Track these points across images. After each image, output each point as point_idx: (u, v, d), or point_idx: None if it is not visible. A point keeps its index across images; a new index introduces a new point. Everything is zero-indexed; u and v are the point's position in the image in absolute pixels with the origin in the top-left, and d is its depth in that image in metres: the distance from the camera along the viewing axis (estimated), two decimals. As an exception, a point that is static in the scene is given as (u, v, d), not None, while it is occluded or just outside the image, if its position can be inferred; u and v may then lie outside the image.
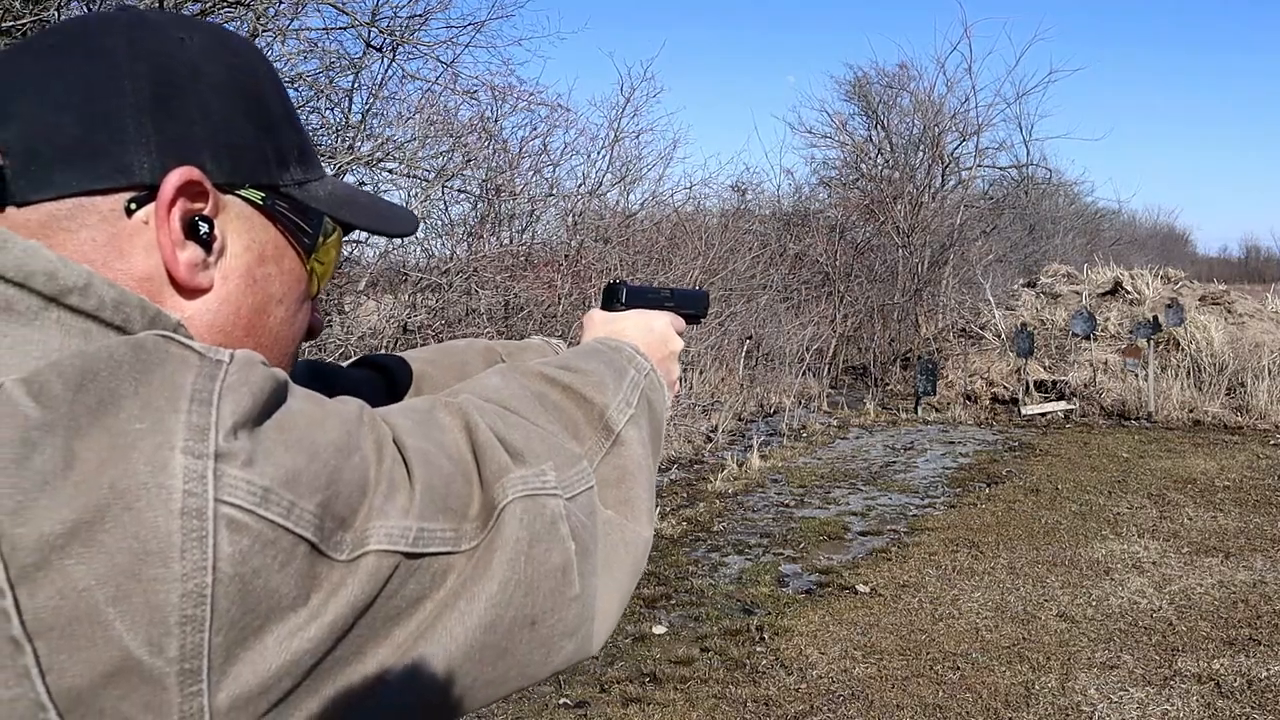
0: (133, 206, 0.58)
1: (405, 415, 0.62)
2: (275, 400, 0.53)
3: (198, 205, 0.60)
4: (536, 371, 0.75)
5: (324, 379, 0.91)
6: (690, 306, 1.09)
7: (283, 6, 5.71)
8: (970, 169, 18.07)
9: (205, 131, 0.60)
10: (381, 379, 0.98)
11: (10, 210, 0.57)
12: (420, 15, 7.30)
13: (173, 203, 0.58)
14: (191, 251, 0.60)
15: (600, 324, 1.00)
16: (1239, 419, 10.29)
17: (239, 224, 0.62)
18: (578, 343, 0.95)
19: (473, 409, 0.65)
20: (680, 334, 1.02)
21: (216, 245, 0.61)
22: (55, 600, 0.45)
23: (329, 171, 0.73)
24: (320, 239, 0.68)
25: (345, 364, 1.01)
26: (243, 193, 0.62)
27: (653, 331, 0.98)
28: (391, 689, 0.55)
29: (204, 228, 0.60)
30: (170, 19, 0.63)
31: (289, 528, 0.50)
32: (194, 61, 0.61)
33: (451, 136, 7.52)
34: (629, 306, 1.02)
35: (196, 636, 0.47)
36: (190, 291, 0.60)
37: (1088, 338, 11.91)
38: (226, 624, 0.47)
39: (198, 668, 0.47)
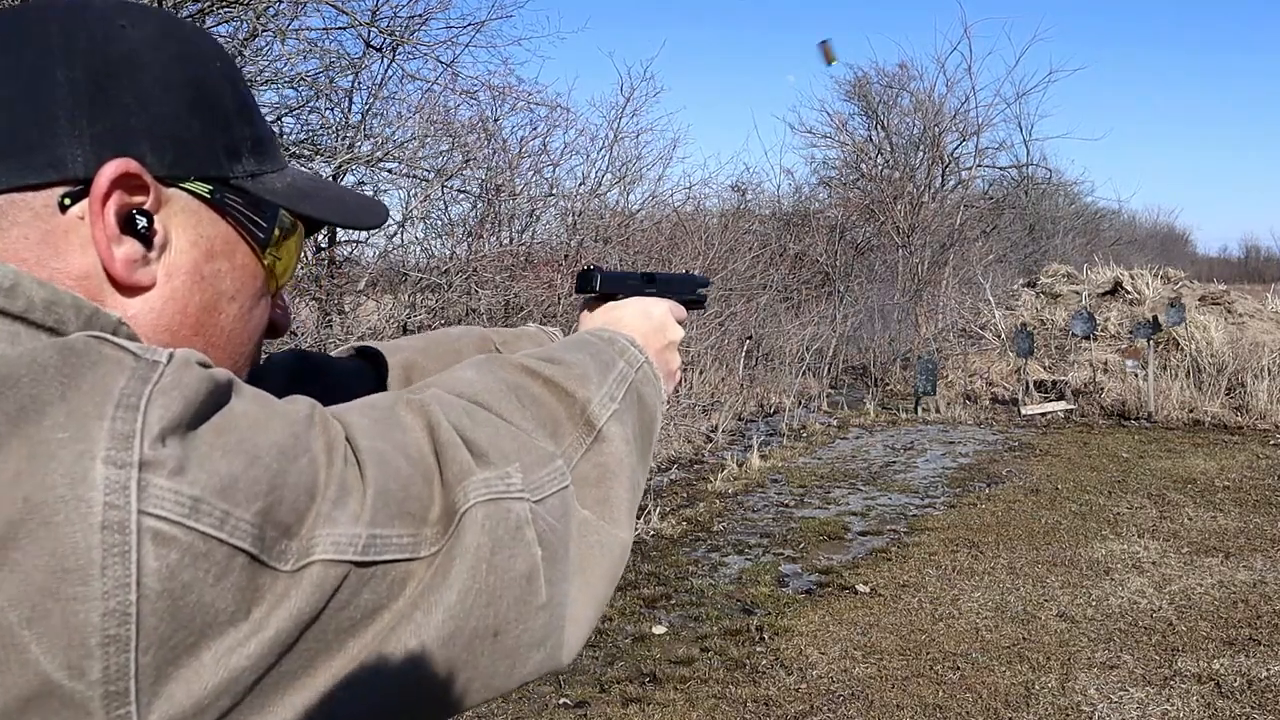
0: (66, 201, 0.55)
1: (363, 413, 0.58)
2: (214, 402, 0.50)
3: (136, 199, 0.57)
4: (518, 363, 0.71)
5: (313, 369, 0.88)
6: (682, 291, 1.02)
7: (282, 6, 5.71)
8: (970, 169, 18.08)
9: (144, 122, 0.57)
10: (373, 369, 0.94)
11: None
12: (420, 15, 7.30)
13: (107, 196, 0.55)
14: (129, 247, 0.57)
15: (600, 313, 0.96)
16: (1239, 419, 10.29)
17: (184, 218, 0.59)
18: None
19: (437, 405, 0.61)
20: (681, 322, 0.98)
21: (158, 240, 0.58)
22: None
23: (326, 168, 0.73)
24: (275, 233, 0.65)
25: (337, 352, 0.98)
26: (188, 185, 0.59)
27: (650, 319, 0.93)
28: (343, 705, 0.52)
29: (142, 222, 0.57)
30: (114, 6, 0.59)
31: (223, 539, 0.47)
32: (135, 50, 0.58)
33: (451, 136, 7.53)
34: (604, 295, 0.96)
35: (121, 657, 0.44)
36: (129, 289, 0.57)
37: (1088, 338, 11.91)
38: (155, 642, 0.45)
39: (125, 689, 0.44)
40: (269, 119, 6.39)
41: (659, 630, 4.75)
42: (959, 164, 17.86)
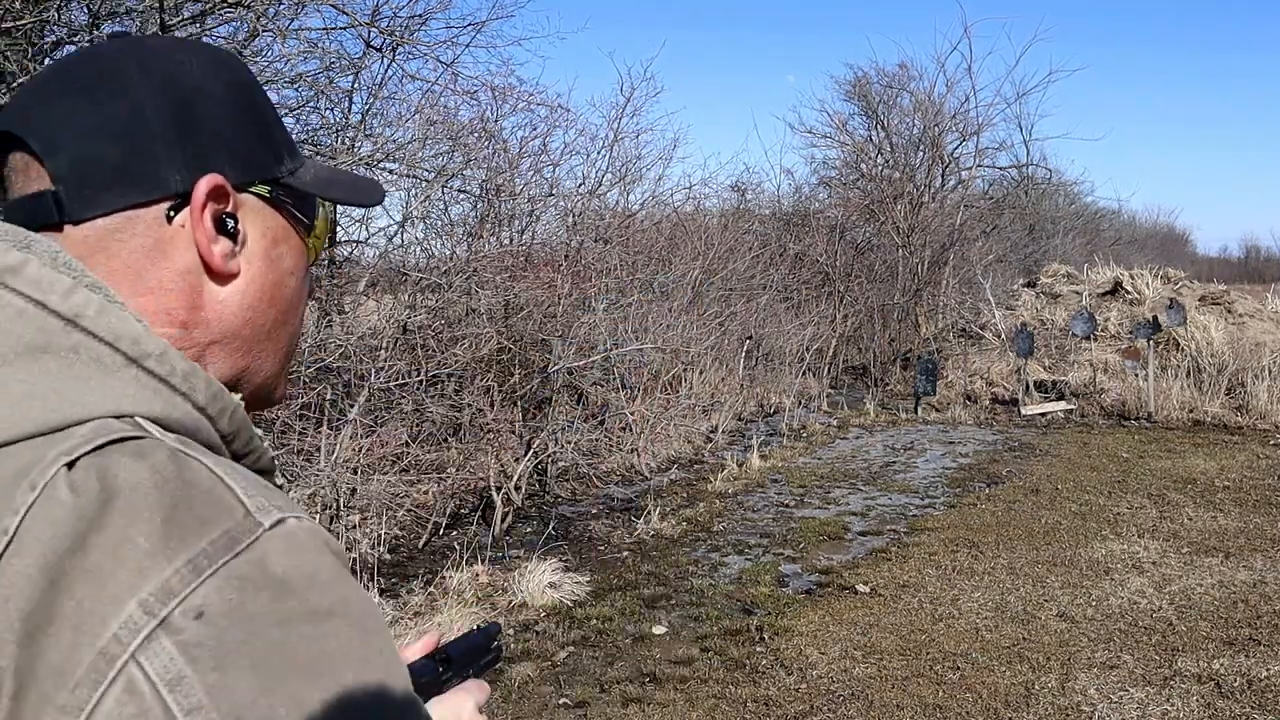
0: (171, 214, 0.68)
1: None
2: (283, 621, 0.53)
3: (222, 205, 0.69)
4: None
5: None
6: (480, 659, 0.96)
7: (283, 6, 5.71)
8: (970, 169, 18.07)
9: (219, 142, 0.70)
10: None
11: (68, 228, 0.66)
12: (420, 15, 7.30)
13: (204, 206, 0.68)
14: (223, 244, 0.69)
15: None
16: (1239, 419, 10.29)
17: (253, 216, 0.72)
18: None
19: None
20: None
21: (240, 236, 0.71)
22: None
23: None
24: (316, 216, 0.78)
25: None
26: (254, 189, 0.72)
27: None
28: None
29: (230, 223, 0.70)
30: (169, 44, 0.73)
31: None
32: (198, 82, 0.70)
33: (451, 137, 7.52)
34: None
35: None
36: (224, 277, 0.70)
37: (1088, 338, 11.91)
38: None
39: None
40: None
41: (659, 630, 4.75)
42: (959, 164, 17.86)
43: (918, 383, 11.41)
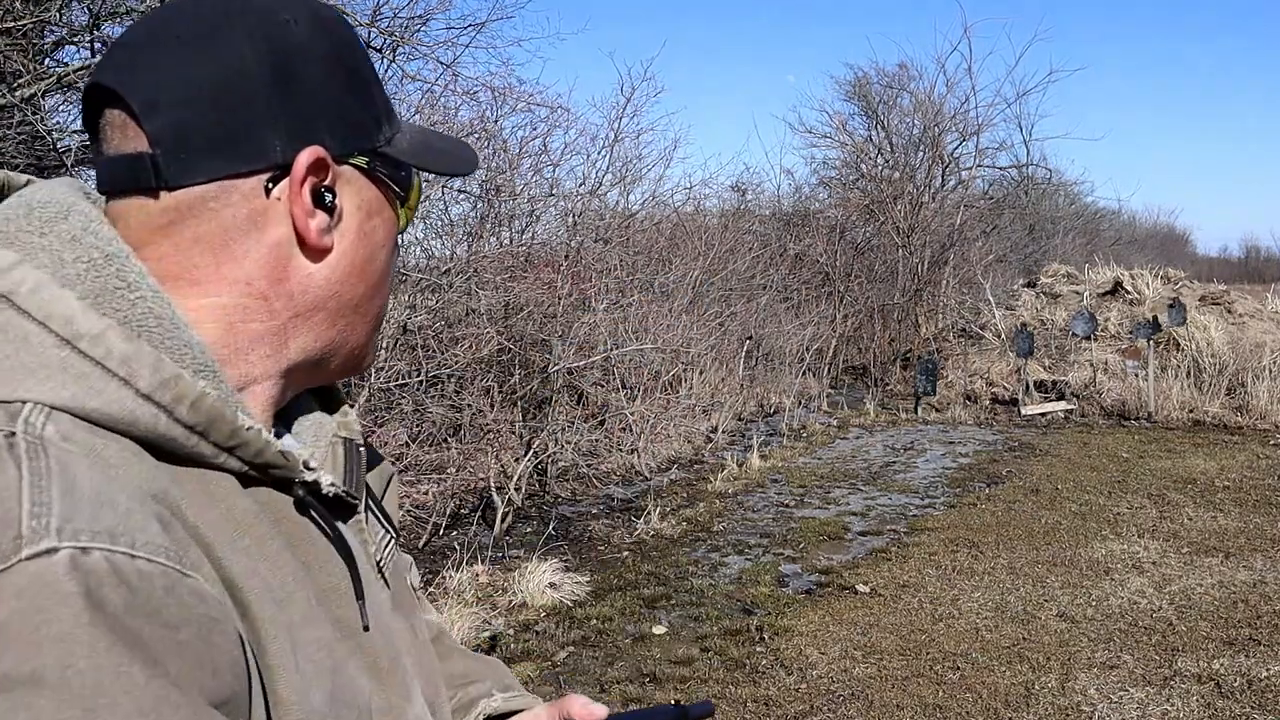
0: (270, 185, 0.65)
1: None
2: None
3: (321, 178, 0.67)
4: None
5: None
6: None
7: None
8: (970, 169, 18.07)
9: (320, 110, 0.67)
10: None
11: (163, 194, 0.64)
12: (420, 16, 7.29)
13: (304, 180, 0.65)
14: (320, 219, 0.67)
15: None
16: (1239, 419, 10.29)
17: (350, 188, 0.69)
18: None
19: None
20: None
21: (337, 211, 0.68)
22: None
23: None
24: (409, 187, 0.75)
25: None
26: (353, 161, 0.69)
27: None
28: None
29: (329, 197, 0.67)
30: (272, 2, 0.67)
31: None
32: (303, 44, 0.66)
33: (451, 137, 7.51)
34: None
35: None
36: (318, 253, 0.68)
37: (1088, 338, 11.91)
38: None
39: None
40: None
41: (659, 630, 4.75)
42: (959, 164, 17.85)
43: (918, 383, 11.41)
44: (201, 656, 0.50)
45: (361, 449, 0.77)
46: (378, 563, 0.75)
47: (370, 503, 0.78)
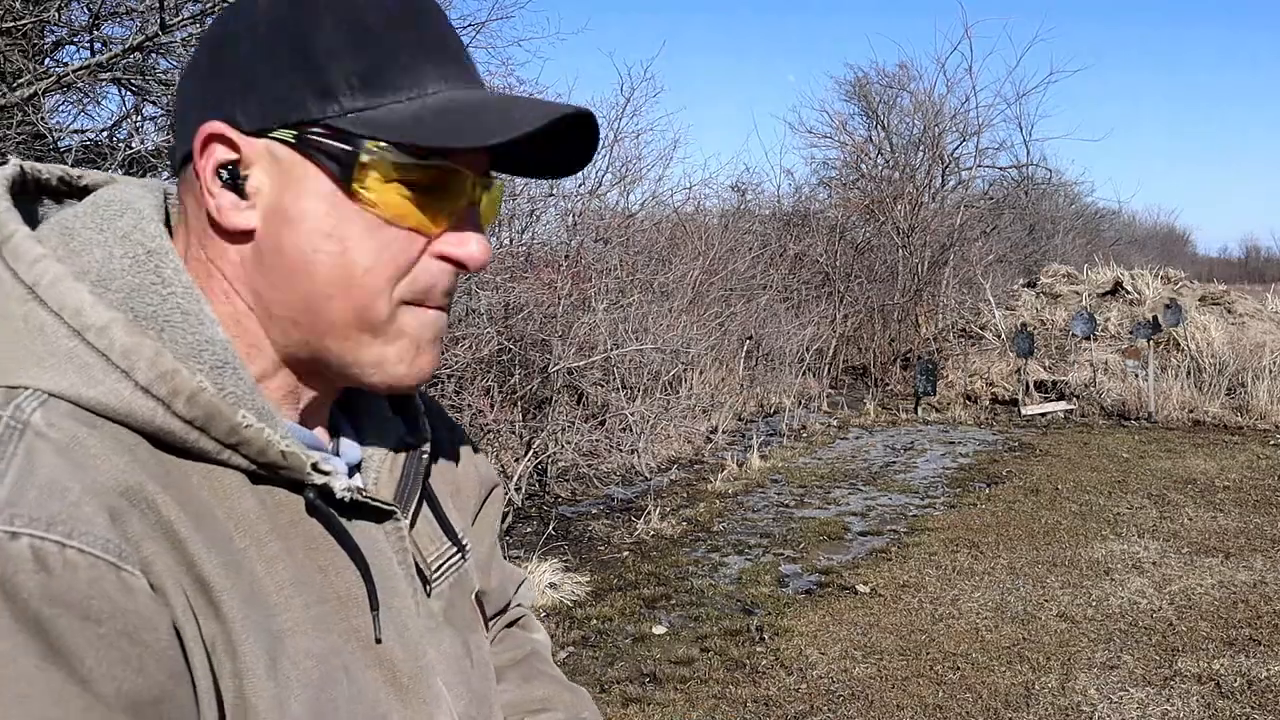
0: (186, 167, 0.65)
1: None
2: None
3: (224, 156, 0.62)
4: None
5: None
6: None
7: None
8: (970, 169, 18.07)
9: (235, 84, 0.63)
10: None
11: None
12: (420, 15, 7.28)
13: (202, 156, 0.62)
14: (223, 199, 0.63)
15: None
16: (1239, 419, 10.29)
17: (272, 164, 0.63)
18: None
19: None
20: None
21: (250, 188, 0.63)
22: None
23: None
24: (359, 165, 0.62)
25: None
26: (275, 135, 0.62)
27: None
28: None
29: (228, 174, 0.63)
30: None
31: None
32: (254, 17, 0.63)
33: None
34: None
35: None
36: (231, 235, 0.64)
37: (1088, 338, 11.91)
38: None
39: None
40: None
41: (659, 630, 4.75)
42: (959, 164, 17.85)
43: (918, 383, 11.41)
44: (126, 653, 0.50)
45: (425, 456, 0.75)
46: (423, 573, 0.72)
47: (434, 512, 0.76)
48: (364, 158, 0.62)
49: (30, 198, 0.66)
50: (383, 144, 0.62)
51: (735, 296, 11.61)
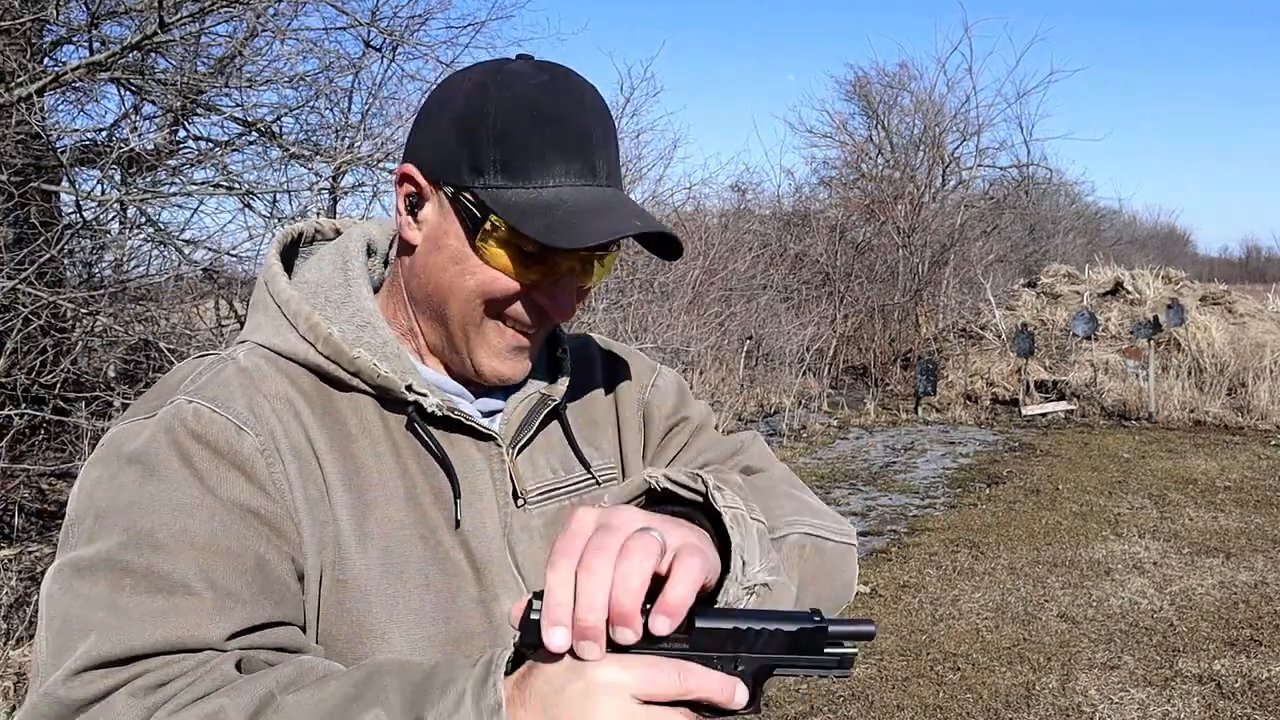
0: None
1: None
2: (100, 460, 0.82)
3: (411, 189, 0.90)
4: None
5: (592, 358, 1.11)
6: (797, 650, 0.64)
7: (282, 6, 5.70)
8: (970, 169, 18.06)
9: (429, 142, 0.89)
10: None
11: None
12: (420, 15, 7.29)
13: (399, 185, 0.91)
14: (404, 218, 0.91)
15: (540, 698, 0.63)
16: (1240, 419, 10.28)
17: (437, 206, 0.89)
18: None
19: None
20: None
21: (421, 216, 0.90)
22: None
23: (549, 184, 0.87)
24: (486, 228, 0.86)
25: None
26: (442, 188, 0.88)
27: None
28: None
29: (411, 202, 0.90)
30: (485, 66, 0.90)
31: None
32: (449, 97, 0.89)
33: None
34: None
35: None
36: (405, 246, 0.92)
37: (1089, 338, 11.90)
38: None
39: None
40: (269, 119, 6.39)
41: (659, 631, 4.74)
42: (959, 164, 17.85)
43: (918, 383, 11.40)
44: (237, 474, 0.80)
45: (554, 404, 0.98)
46: (516, 489, 0.93)
47: (569, 444, 0.99)
48: (487, 225, 0.86)
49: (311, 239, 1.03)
50: (499, 220, 0.85)
51: (735, 296, 11.61)
